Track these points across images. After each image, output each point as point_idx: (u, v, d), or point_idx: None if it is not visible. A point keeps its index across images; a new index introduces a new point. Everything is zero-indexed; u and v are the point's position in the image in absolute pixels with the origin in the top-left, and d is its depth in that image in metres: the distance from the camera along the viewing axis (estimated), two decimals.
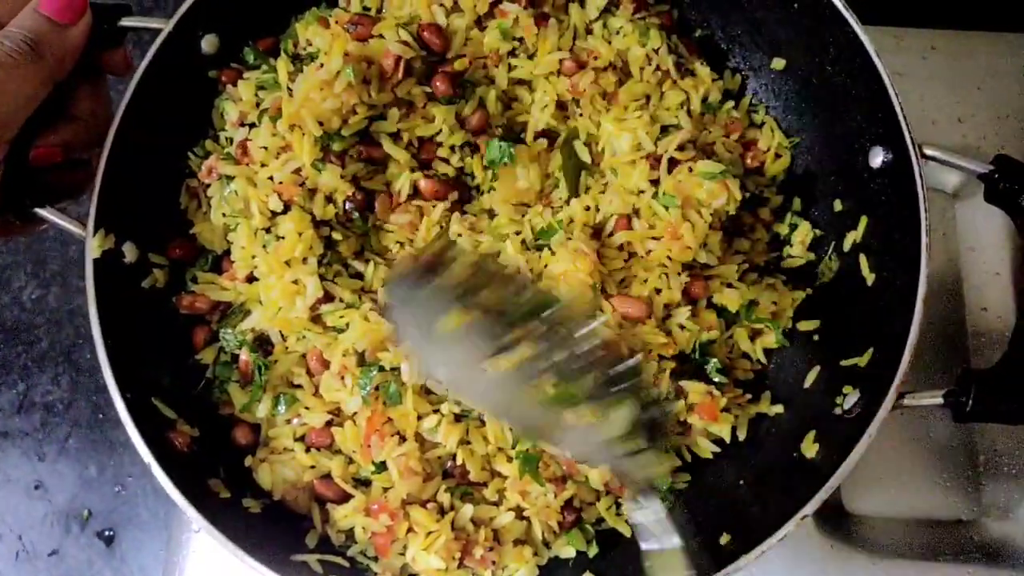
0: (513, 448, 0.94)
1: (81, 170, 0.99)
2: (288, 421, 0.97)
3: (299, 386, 0.98)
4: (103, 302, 0.90)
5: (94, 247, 0.91)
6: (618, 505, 0.98)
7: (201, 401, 0.98)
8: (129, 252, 0.95)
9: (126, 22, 0.97)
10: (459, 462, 0.94)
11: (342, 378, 0.94)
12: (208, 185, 1.02)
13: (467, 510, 0.93)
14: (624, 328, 0.95)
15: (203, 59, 1.03)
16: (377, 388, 0.93)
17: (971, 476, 1.20)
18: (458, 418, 0.94)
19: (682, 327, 0.98)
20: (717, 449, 1.01)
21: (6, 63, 0.84)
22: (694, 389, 0.98)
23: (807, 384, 1.01)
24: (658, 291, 0.99)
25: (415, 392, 0.93)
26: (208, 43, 1.03)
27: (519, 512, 0.96)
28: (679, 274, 0.99)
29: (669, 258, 0.98)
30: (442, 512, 0.93)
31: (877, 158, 0.97)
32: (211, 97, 1.05)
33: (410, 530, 0.91)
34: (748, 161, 1.10)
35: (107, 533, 1.52)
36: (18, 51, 0.85)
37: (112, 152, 0.94)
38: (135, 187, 0.97)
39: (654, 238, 0.98)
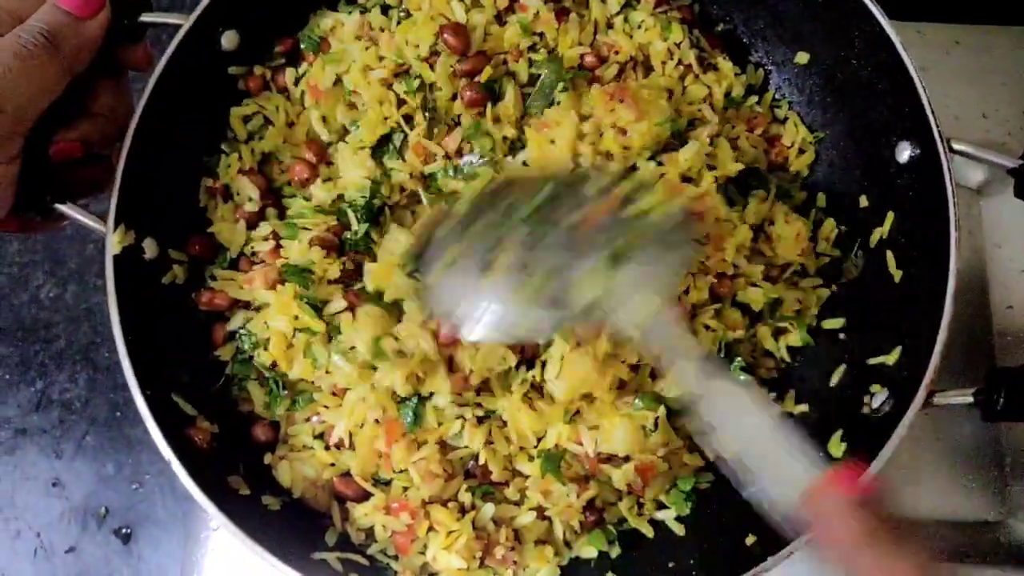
0: (536, 447, 0.93)
1: (101, 166, 0.98)
2: (307, 419, 0.97)
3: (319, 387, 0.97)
4: (123, 298, 0.89)
5: (114, 243, 0.91)
6: (640, 505, 0.97)
7: (220, 398, 0.97)
8: (149, 248, 0.95)
9: (146, 18, 0.96)
10: (482, 462, 0.93)
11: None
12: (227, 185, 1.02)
13: (488, 509, 0.93)
14: None
15: (223, 55, 1.03)
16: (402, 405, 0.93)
17: (997, 477, 1.18)
18: (480, 420, 0.93)
19: (707, 327, 0.97)
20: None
21: (21, 54, 0.84)
22: None
23: (832, 383, 0.99)
24: (686, 291, 0.98)
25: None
26: (228, 39, 1.03)
27: (540, 512, 0.95)
28: (707, 274, 0.97)
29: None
30: (463, 511, 0.92)
31: (904, 153, 0.96)
32: (231, 93, 1.05)
33: (431, 529, 0.91)
34: (772, 156, 1.09)
35: (124, 531, 1.53)
36: (34, 43, 0.85)
37: (132, 148, 0.93)
38: (155, 183, 0.96)
39: None
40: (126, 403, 1.56)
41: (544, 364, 0.93)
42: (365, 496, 0.94)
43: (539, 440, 0.94)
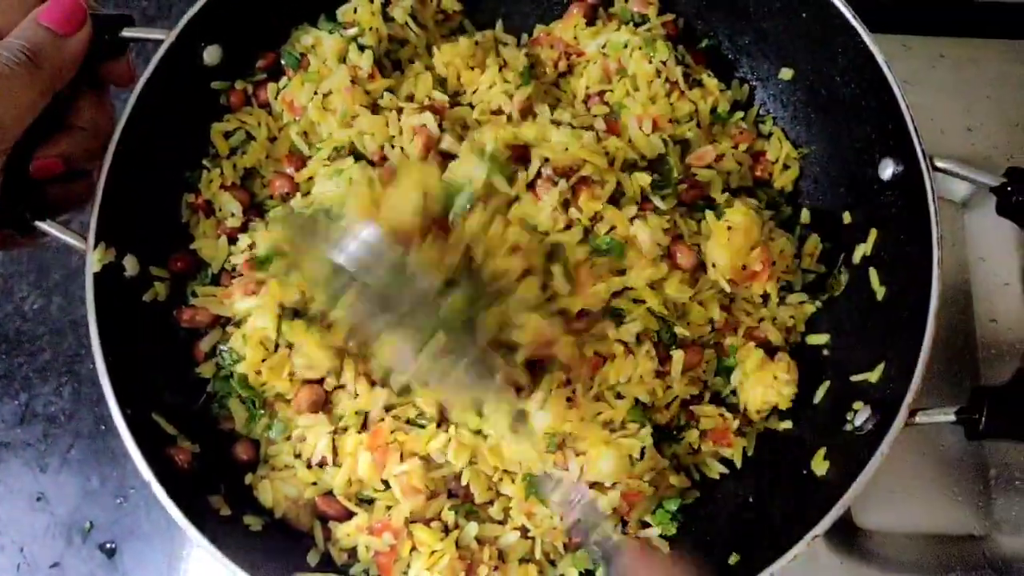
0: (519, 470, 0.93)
1: (82, 182, 0.98)
2: (287, 438, 0.96)
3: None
4: (103, 316, 0.89)
5: (94, 261, 0.90)
6: (624, 524, 0.96)
7: (201, 417, 0.97)
8: (130, 265, 0.95)
9: (128, 33, 0.96)
10: (464, 483, 0.93)
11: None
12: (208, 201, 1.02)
13: (471, 528, 0.92)
14: None
15: (205, 70, 1.02)
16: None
17: (982, 491, 1.18)
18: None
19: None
20: (726, 470, 1.00)
21: (3, 72, 0.84)
22: (705, 414, 0.97)
23: (816, 400, 0.99)
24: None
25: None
26: (210, 54, 1.02)
27: (524, 532, 0.94)
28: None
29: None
30: (446, 531, 0.92)
31: (887, 170, 0.96)
32: (214, 108, 1.05)
33: (414, 549, 0.90)
34: (757, 172, 1.09)
35: (109, 545, 1.51)
36: (15, 61, 0.85)
37: (113, 164, 0.93)
38: (136, 200, 0.96)
39: None
40: (111, 417, 1.53)
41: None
42: (348, 515, 0.93)
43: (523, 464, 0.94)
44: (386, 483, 0.92)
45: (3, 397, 1.56)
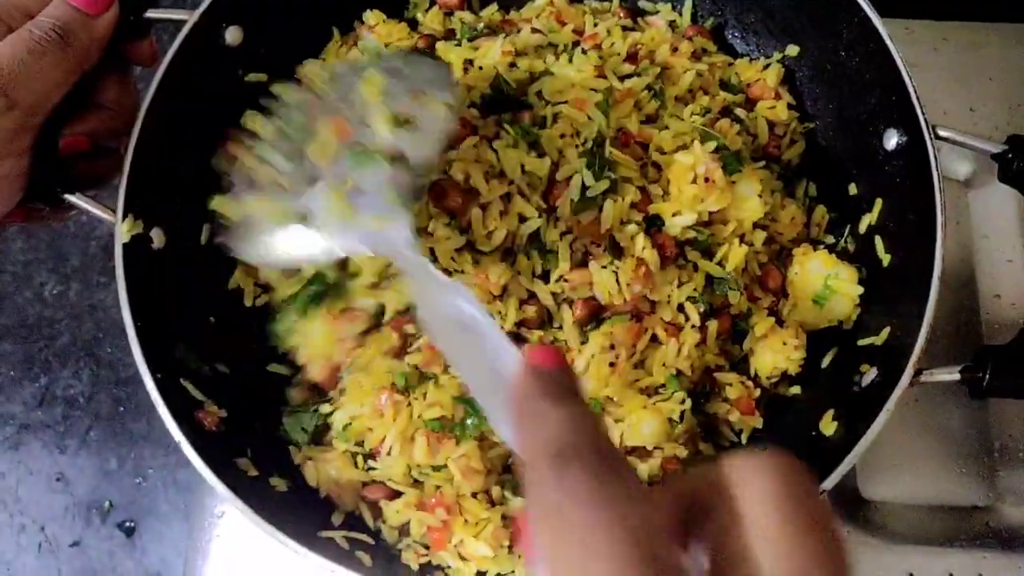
0: None
1: (108, 158, 1.01)
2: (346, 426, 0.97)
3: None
4: (132, 286, 0.91)
5: (123, 232, 0.93)
6: (651, 485, 0.98)
7: (228, 384, 0.99)
8: (156, 238, 0.97)
9: (152, 14, 0.98)
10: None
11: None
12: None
13: (516, 502, 0.93)
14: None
15: (228, 50, 1.05)
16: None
17: (986, 462, 1.20)
18: None
19: None
20: (735, 439, 1.02)
21: (35, 50, 0.86)
22: (728, 381, 0.98)
23: (824, 365, 1.02)
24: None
25: None
26: (231, 35, 1.05)
27: None
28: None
29: None
30: (492, 503, 0.93)
31: (891, 140, 0.98)
32: (237, 87, 1.07)
33: (466, 521, 0.91)
34: (769, 148, 1.11)
35: (128, 524, 1.54)
36: (47, 39, 0.87)
37: (140, 140, 0.95)
38: (162, 175, 0.98)
39: None
40: (129, 398, 1.58)
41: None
42: (395, 495, 0.94)
43: None
44: (436, 466, 0.93)
45: (23, 380, 1.59)
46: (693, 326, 0.94)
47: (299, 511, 0.91)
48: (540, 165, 0.93)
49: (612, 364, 0.89)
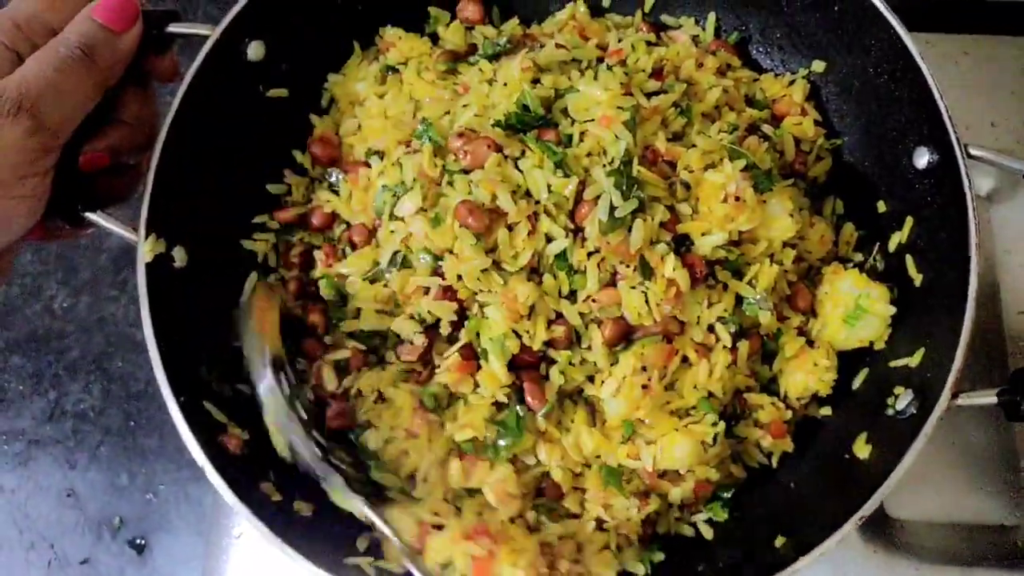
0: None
1: (128, 175, 0.99)
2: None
3: None
4: (155, 306, 0.90)
5: (145, 251, 0.91)
6: (681, 508, 0.97)
7: (248, 404, 0.98)
8: (179, 256, 0.96)
9: (173, 28, 0.97)
10: (557, 479, 0.93)
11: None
12: None
13: (554, 528, 0.91)
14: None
15: (249, 65, 1.04)
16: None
17: (1013, 481, 1.19)
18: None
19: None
20: (766, 461, 1.01)
21: (61, 68, 0.85)
22: (759, 403, 0.97)
23: (855, 386, 1.00)
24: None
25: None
26: (253, 50, 1.04)
27: (599, 523, 0.94)
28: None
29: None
30: (529, 529, 0.91)
31: (922, 159, 0.97)
32: (258, 103, 1.06)
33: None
34: (796, 166, 1.10)
35: (139, 541, 1.52)
36: (72, 56, 0.86)
37: (162, 158, 0.94)
38: (185, 193, 0.97)
39: None
40: (140, 413, 1.56)
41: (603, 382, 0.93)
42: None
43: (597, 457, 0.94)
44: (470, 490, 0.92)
45: (33, 395, 1.57)
46: (724, 347, 0.93)
47: (324, 536, 0.89)
48: (566, 184, 0.92)
49: (645, 386, 0.88)
